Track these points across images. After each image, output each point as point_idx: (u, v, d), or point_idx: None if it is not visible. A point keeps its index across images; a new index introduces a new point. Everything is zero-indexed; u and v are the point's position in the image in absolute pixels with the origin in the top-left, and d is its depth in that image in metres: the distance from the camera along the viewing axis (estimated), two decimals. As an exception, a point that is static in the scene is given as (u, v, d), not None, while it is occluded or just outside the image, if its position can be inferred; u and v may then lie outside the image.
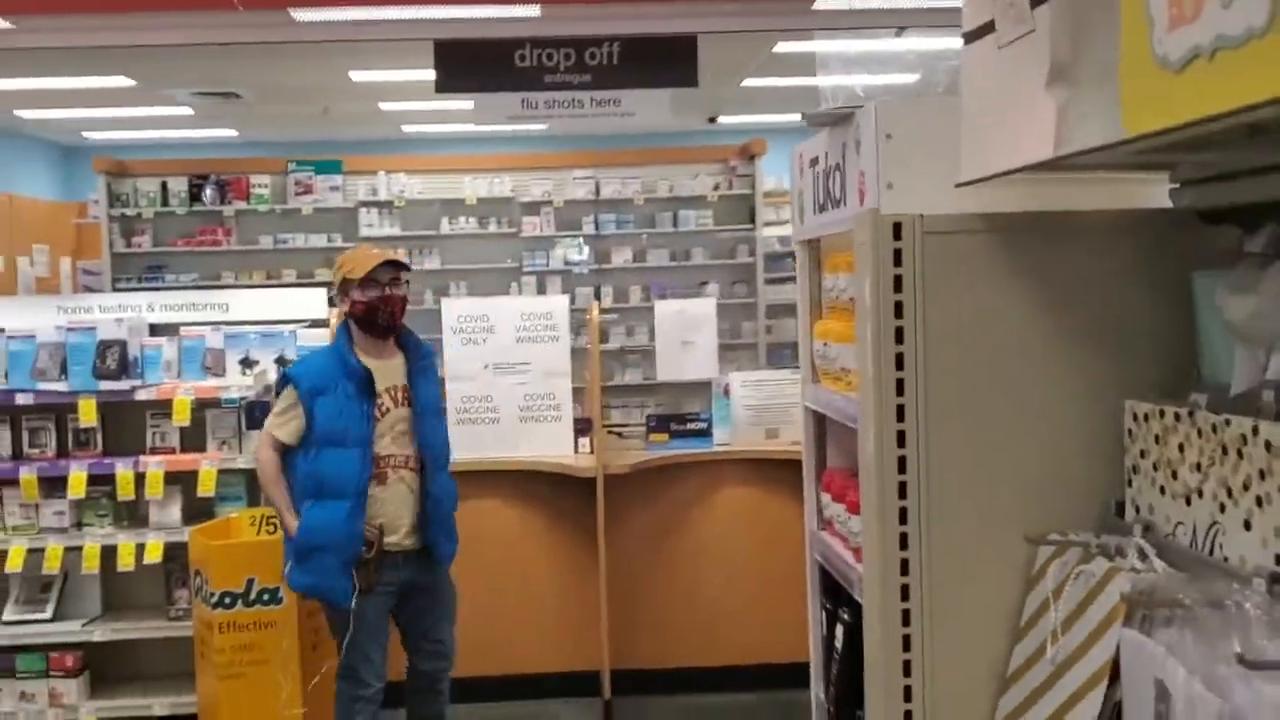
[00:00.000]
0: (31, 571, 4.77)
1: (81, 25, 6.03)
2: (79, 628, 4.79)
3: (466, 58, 6.13)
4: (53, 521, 4.77)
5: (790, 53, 8.14)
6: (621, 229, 10.00)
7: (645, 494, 5.23)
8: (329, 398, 3.82)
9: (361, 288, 3.89)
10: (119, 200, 9.69)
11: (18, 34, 6.05)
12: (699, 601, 5.24)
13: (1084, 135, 1.19)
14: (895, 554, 1.75)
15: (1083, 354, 1.81)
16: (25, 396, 4.69)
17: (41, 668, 4.80)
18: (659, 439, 5.39)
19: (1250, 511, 1.33)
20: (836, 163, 2.04)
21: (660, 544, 5.26)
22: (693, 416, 5.44)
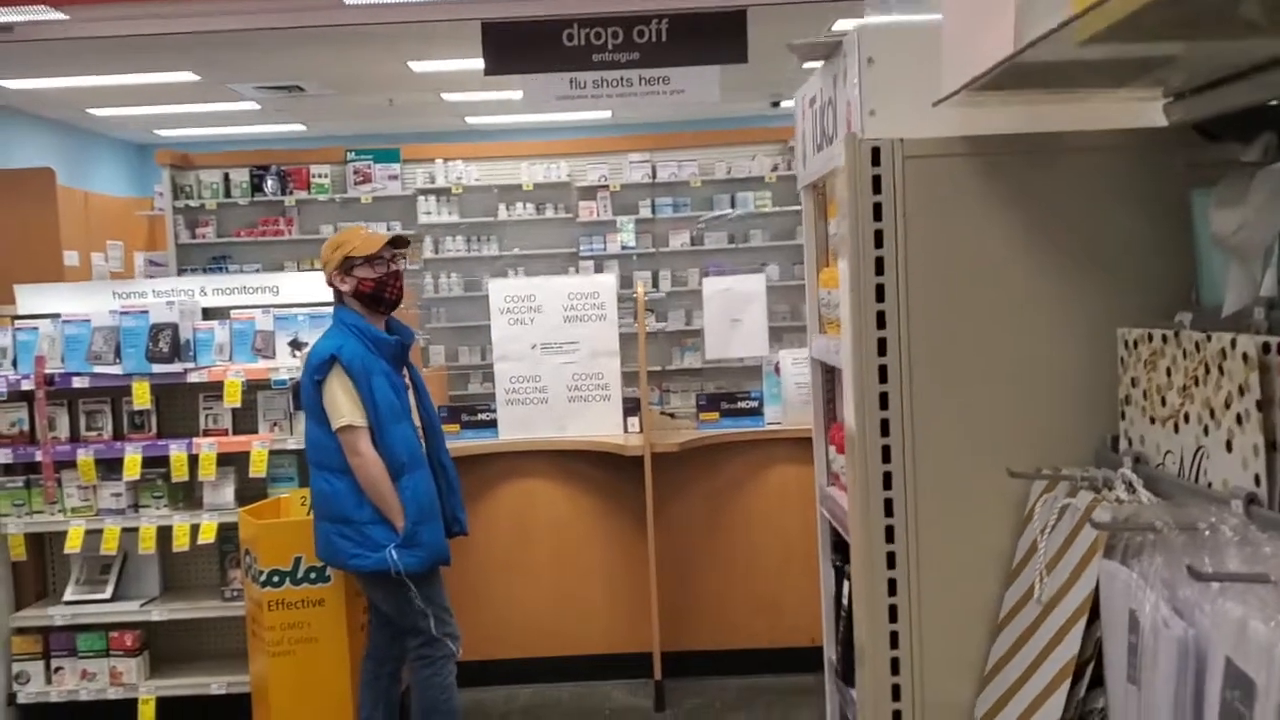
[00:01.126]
0: (91, 552, 4.85)
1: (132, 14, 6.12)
2: (138, 607, 4.86)
3: (514, 39, 6.10)
4: (110, 503, 4.84)
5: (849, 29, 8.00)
6: (679, 212, 9.94)
7: (696, 473, 5.17)
8: (379, 375, 3.86)
9: (369, 264, 3.95)
10: (183, 192, 9.88)
11: (71, 24, 6.15)
12: (751, 582, 5.18)
13: (1039, 25, 1.10)
14: (879, 493, 1.65)
15: (1075, 281, 1.70)
16: (81, 380, 4.76)
17: (102, 647, 4.87)
18: (709, 418, 5.33)
19: (1231, 431, 1.24)
20: (830, 97, 1.96)
21: (712, 524, 5.20)
22: (743, 395, 5.37)
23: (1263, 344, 1.18)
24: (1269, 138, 1.31)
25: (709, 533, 5.20)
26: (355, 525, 3.86)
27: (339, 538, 3.89)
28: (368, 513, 3.85)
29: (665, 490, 5.05)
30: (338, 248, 3.98)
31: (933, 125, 1.62)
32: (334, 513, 3.90)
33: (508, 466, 5.18)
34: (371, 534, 3.84)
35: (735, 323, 5.38)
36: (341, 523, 3.88)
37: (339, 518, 3.88)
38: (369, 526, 3.85)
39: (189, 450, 4.77)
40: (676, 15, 6.13)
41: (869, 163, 1.63)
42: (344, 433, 3.84)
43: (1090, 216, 1.70)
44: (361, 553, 3.85)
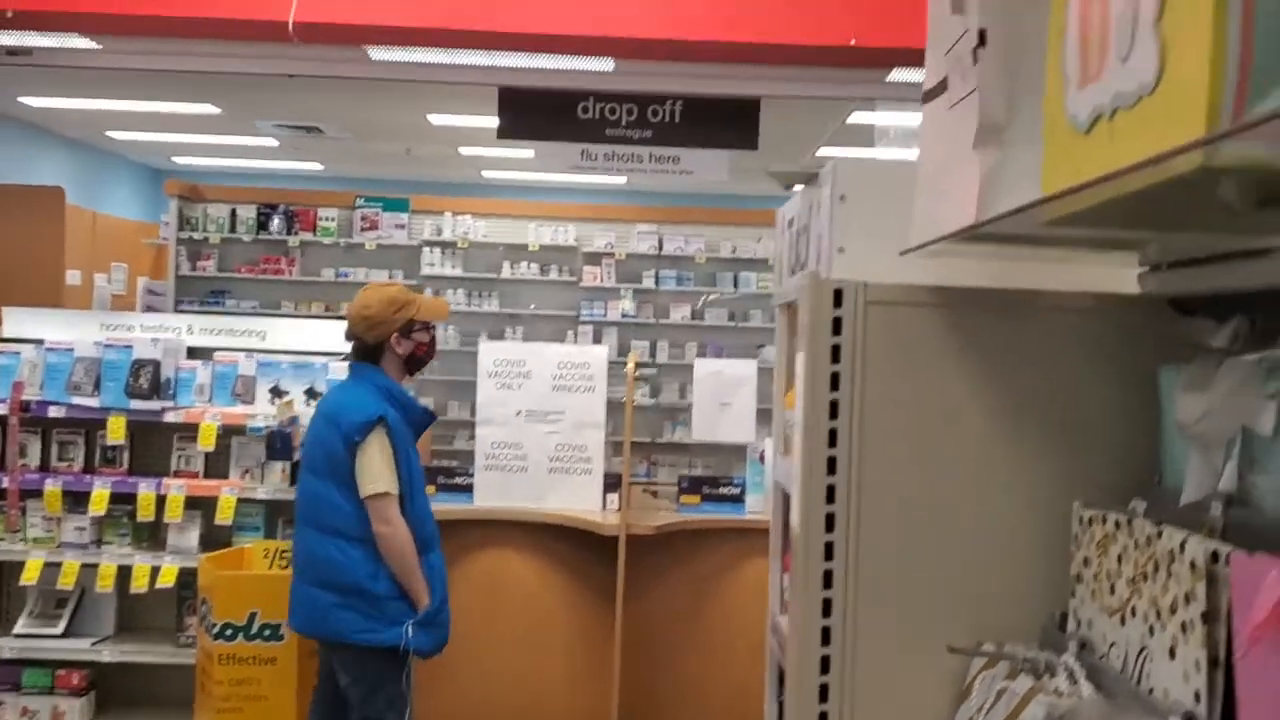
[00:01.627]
0: (48, 585, 4.76)
1: (162, 49, 6.16)
2: (88, 646, 4.76)
3: (530, 106, 6.15)
4: (73, 537, 4.77)
5: (864, 124, 8.05)
6: (682, 285, 9.95)
7: (672, 558, 5.08)
8: (408, 442, 3.73)
9: (425, 329, 3.87)
10: (189, 224, 9.90)
11: (103, 54, 6.19)
12: (723, 676, 5.05)
13: (1004, 200, 1.07)
14: (815, 649, 1.58)
15: (1036, 447, 1.63)
16: (58, 409, 4.71)
17: (47, 684, 4.77)
18: (690, 501, 5.25)
19: (1175, 638, 1.17)
20: (806, 223, 1.92)
21: (685, 612, 5.09)
22: (726, 481, 5.30)
23: (1211, 553, 1.12)
24: (1240, 323, 1.27)
25: (682, 620, 5.08)
26: (370, 598, 3.59)
27: (343, 609, 3.59)
28: (385, 586, 3.59)
29: (641, 572, 4.96)
30: (401, 307, 3.79)
31: (903, 269, 1.57)
32: (342, 582, 3.60)
33: (481, 534, 5.09)
34: (389, 609, 3.59)
35: (724, 406, 5.34)
36: (351, 594, 3.59)
37: (348, 588, 3.59)
38: (388, 601, 3.60)
39: (158, 490, 4.70)
40: (691, 98, 6.18)
41: (831, 304, 1.58)
42: (377, 500, 3.60)
43: (1057, 382, 1.64)
44: (373, 627, 3.58)
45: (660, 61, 6.13)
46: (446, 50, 5.95)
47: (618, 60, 6.06)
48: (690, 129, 6.14)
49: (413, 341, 3.83)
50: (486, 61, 6.12)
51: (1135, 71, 0.83)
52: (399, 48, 5.97)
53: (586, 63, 6.13)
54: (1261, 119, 0.69)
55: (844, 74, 6.28)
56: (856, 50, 5.58)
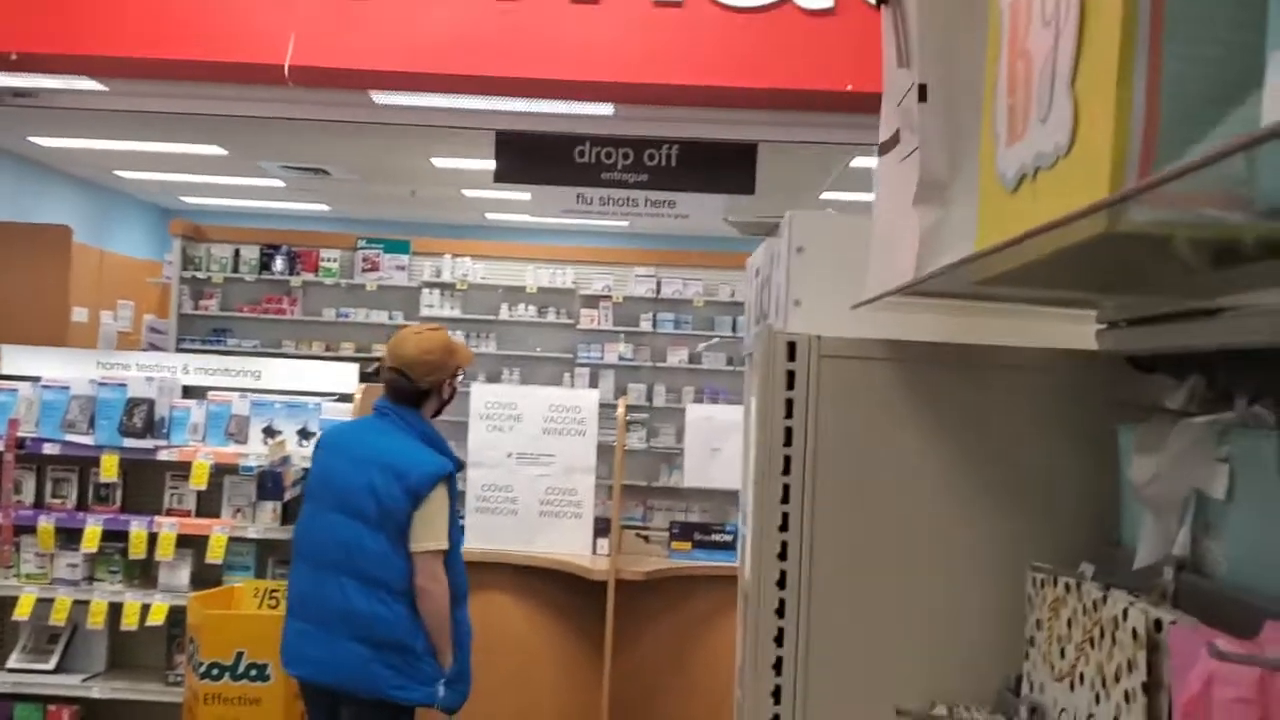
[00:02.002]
0: (40, 621, 4.77)
1: (166, 92, 6.24)
2: (79, 682, 4.76)
3: (526, 150, 6.21)
4: (65, 573, 4.78)
5: (866, 168, 8.11)
6: (680, 329, 9.99)
7: (663, 603, 5.07)
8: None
9: (456, 377, 3.82)
10: (192, 263, 9.99)
11: (108, 96, 6.27)
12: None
13: (941, 258, 1.08)
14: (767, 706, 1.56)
15: (991, 504, 1.62)
16: (52, 446, 4.74)
17: (39, 719, 4.76)
18: (681, 547, 5.26)
19: (1120, 708, 1.15)
20: (768, 274, 1.95)
21: (677, 659, 5.07)
22: (717, 528, 5.30)
23: (1154, 621, 1.10)
24: (1196, 383, 1.27)
25: (673, 668, 5.07)
26: (408, 654, 3.48)
27: (382, 665, 3.46)
28: (423, 643, 3.51)
29: (630, 617, 4.95)
30: (454, 352, 3.75)
31: (859, 323, 1.58)
32: (386, 638, 3.47)
33: (471, 576, 5.00)
34: (424, 667, 3.51)
35: (715, 451, 5.35)
36: (392, 650, 3.47)
37: (391, 644, 3.47)
38: (423, 657, 3.51)
39: (149, 528, 4.72)
40: (688, 143, 6.24)
41: (785, 356, 1.59)
42: (432, 556, 3.50)
43: (1013, 439, 1.64)
44: (409, 684, 3.49)
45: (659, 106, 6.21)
46: (446, 95, 6.02)
47: (616, 105, 6.14)
48: (687, 173, 6.19)
49: (452, 387, 3.80)
50: (486, 106, 6.19)
51: (1052, 132, 0.84)
52: (397, 92, 6.05)
53: (585, 107, 6.21)
54: (1157, 182, 0.70)
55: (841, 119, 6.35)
56: (853, 95, 5.63)
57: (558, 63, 5.59)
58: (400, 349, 3.70)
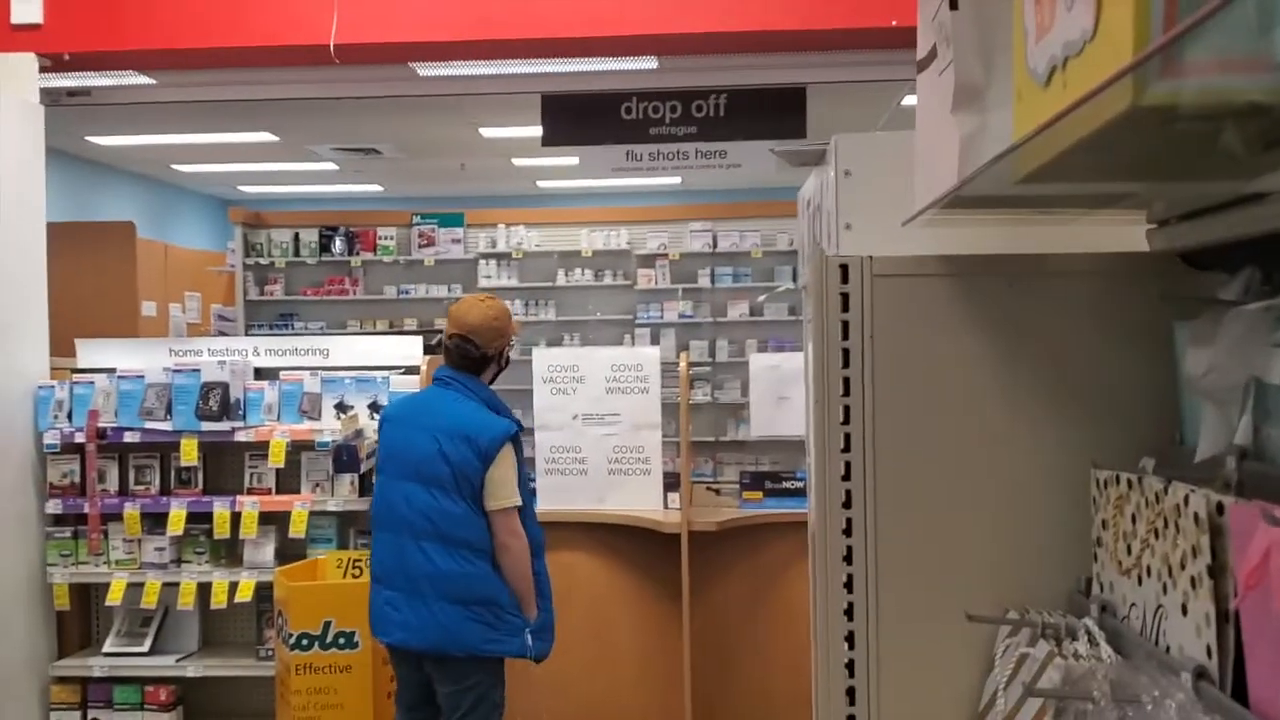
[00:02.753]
0: (132, 605, 4.93)
1: (214, 80, 6.31)
2: (173, 662, 4.91)
3: (572, 111, 6.19)
4: (153, 557, 4.92)
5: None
6: (739, 282, 9.94)
7: (736, 554, 5.09)
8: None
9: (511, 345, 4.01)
10: (254, 250, 10.15)
11: (159, 89, 6.36)
12: (794, 671, 5.04)
13: (981, 161, 1.06)
14: (840, 624, 1.57)
15: (1051, 412, 1.60)
16: (133, 435, 4.86)
17: (137, 700, 4.93)
18: (752, 497, 5.26)
19: (1186, 594, 1.15)
20: (819, 203, 1.93)
21: (753, 607, 5.10)
22: (788, 475, 5.29)
23: (1216, 504, 1.10)
24: (1251, 273, 1.25)
25: (751, 616, 5.10)
26: (497, 609, 3.64)
27: (474, 622, 3.62)
28: (507, 597, 3.66)
29: (705, 569, 4.98)
30: (511, 320, 3.96)
31: (910, 242, 1.57)
32: (473, 595, 3.63)
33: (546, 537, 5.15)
34: (512, 619, 3.66)
35: (782, 400, 5.33)
36: (481, 606, 3.63)
37: (480, 600, 3.63)
38: (510, 612, 3.66)
39: (232, 508, 4.83)
40: (736, 91, 6.17)
41: (838, 280, 1.58)
42: (508, 514, 3.66)
43: (1069, 344, 1.62)
44: (499, 638, 3.65)
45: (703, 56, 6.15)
46: (489, 62, 6.01)
47: (660, 58, 6.09)
48: (736, 121, 6.13)
49: (505, 357, 3.99)
50: (529, 69, 6.18)
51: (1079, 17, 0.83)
52: (441, 63, 6.05)
53: (629, 63, 6.16)
54: (1177, 35, 0.68)
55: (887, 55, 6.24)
56: (897, 31, 5.54)
57: (599, 19, 5.56)
58: (466, 316, 3.83)
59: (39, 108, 5.15)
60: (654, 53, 5.95)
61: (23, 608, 4.81)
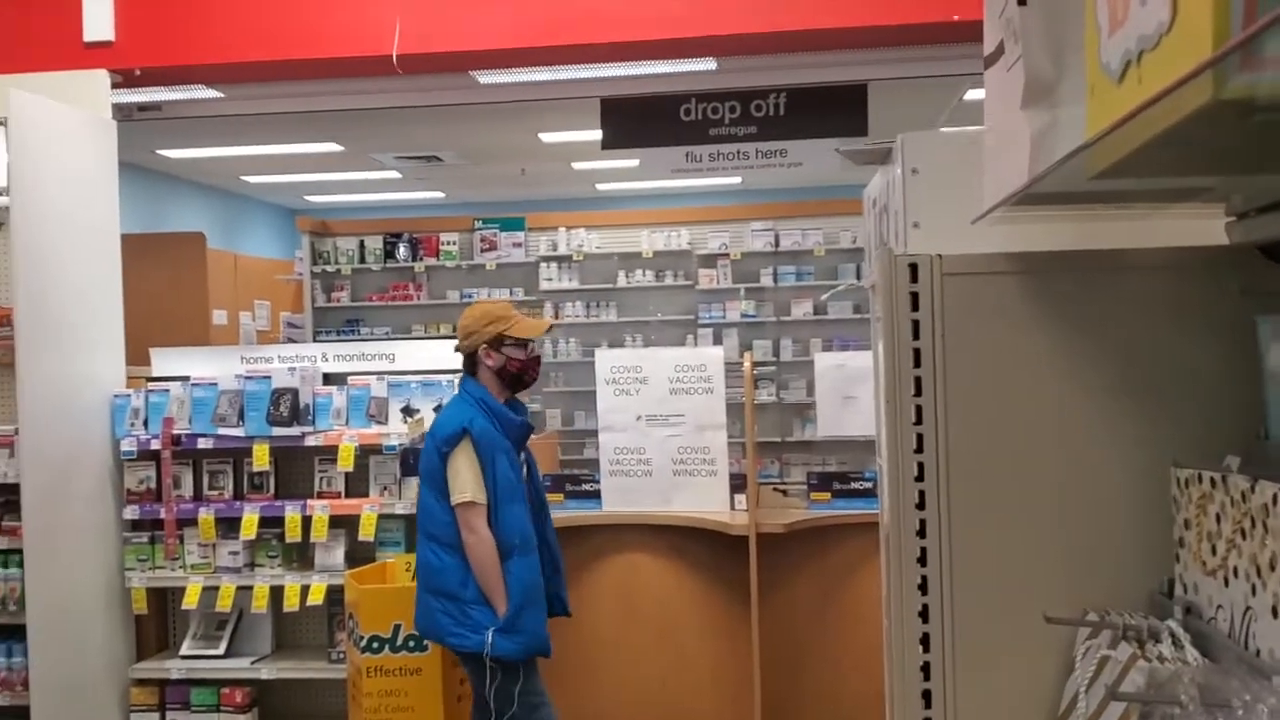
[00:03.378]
0: (208, 608, 5.02)
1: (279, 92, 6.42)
2: (248, 665, 4.99)
3: (632, 114, 6.20)
4: (227, 561, 5.01)
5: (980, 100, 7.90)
6: (802, 280, 9.88)
7: (805, 555, 5.06)
8: (501, 454, 3.84)
9: (522, 346, 3.98)
10: (321, 258, 10.31)
11: (226, 102, 6.49)
12: (864, 672, 5.00)
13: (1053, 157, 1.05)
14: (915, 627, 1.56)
15: (1128, 409, 1.57)
16: (206, 441, 4.96)
17: (214, 702, 5.02)
18: (820, 498, 5.22)
19: (1277, 596, 1.12)
20: (885, 202, 1.91)
21: (822, 609, 5.06)
22: (856, 475, 5.25)
23: None
24: (1334, 265, 1.22)
25: (821, 618, 5.06)
26: (459, 603, 3.79)
27: (441, 613, 3.83)
28: (472, 592, 3.78)
29: (772, 572, 4.95)
30: (492, 321, 3.96)
31: (979, 241, 1.54)
32: (438, 587, 3.84)
33: (611, 539, 5.17)
34: (473, 614, 3.77)
35: (848, 400, 5.28)
36: (445, 598, 3.82)
37: (443, 593, 3.82)
38: (472, 606, 3.78)
39: (303, 511, 4.91)
40: (795, 90, 6.14)
41: (907, 279, 1.56)
42: (463, 508, 3.79)
43: (1146, 341, 1.58)
44: (461, 632, 3.79)
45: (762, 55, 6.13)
46: (548, 68, 6.05)
47: (719, 59, 6.08)
48: (796, 120, 6.09)
49: (503, 356, 3.96)
50: (588, 74, 6.20)
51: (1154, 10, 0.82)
52: (502, 70, 6.10)
53: (688, 65, 6.16)
54: (1258, 30, 0.66)
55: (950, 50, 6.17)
56: (959, 25, 5.48)
57: (657, 23, 5.56)
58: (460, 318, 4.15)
59: (111, 123, 5.27)
60: (713, 54, 5.94)
61: (102, 612, 4.93)
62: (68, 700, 4.68)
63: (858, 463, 7.94)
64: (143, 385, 5.14)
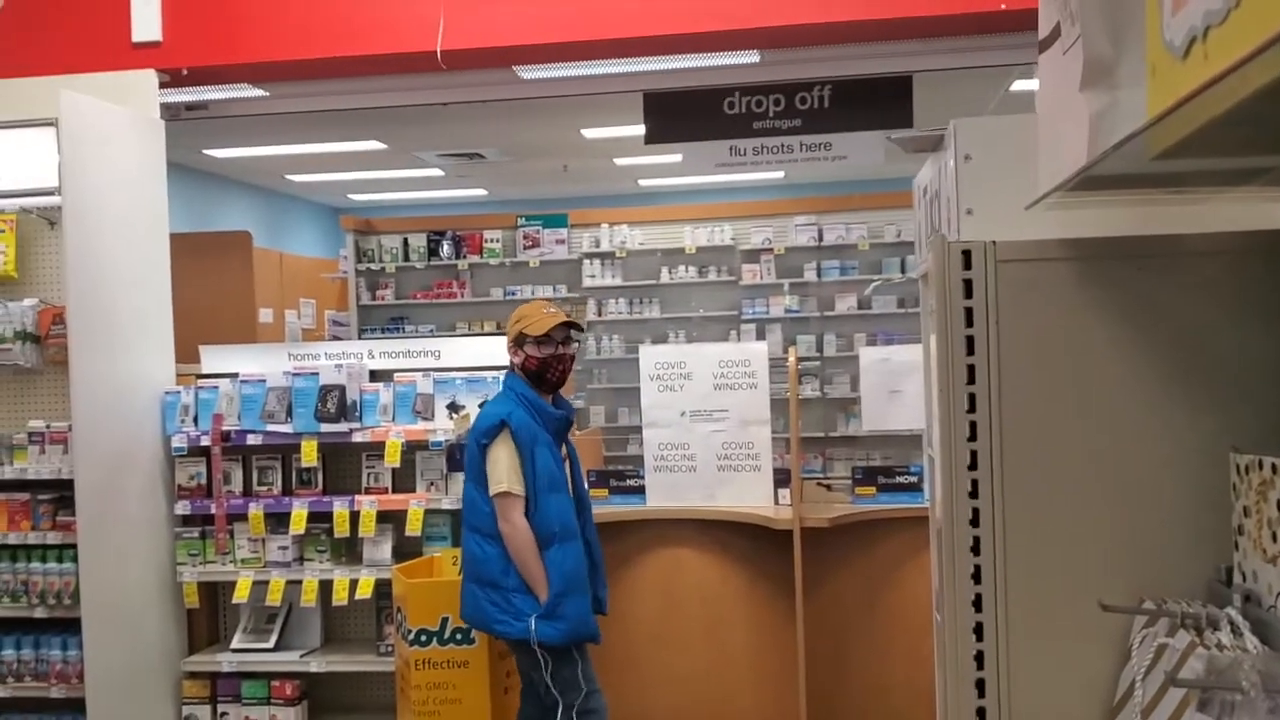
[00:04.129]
0: (258, 602, 5.08)
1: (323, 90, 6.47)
2: (298, 658, 5.04)
3: (675, 108, 6.18)
4: (277, 555, 5.06)
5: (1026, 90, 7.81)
6: (846, 275, 9.82)
7: (849, 550, 5.04)
8: (542, 446, 3.95)
9: (537, 344, 4.07)
10: (365, 256, 10.39)
11: (271, 100, 6.55)
12: (910, 667, 4.97)
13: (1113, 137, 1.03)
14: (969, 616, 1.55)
15: (1186, 397, 1.54)
16: (255, 437, 5.01)
17: (264, 695, 5.07)
18: (865, 492, 5.19)
19: None
20: (937, 189, 1.88)
21: (867, 603, 5.03)
22: (901, 469, 5.21)
23: None
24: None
25: (866, 613, 5.04)
26: (502, 591, 3.90)
27: (487, 603, 3.94)
28: (514, 580, 3.89)
29: (817, 566, 4.93)
30: (517, 321, 4.14)
31: (1032, 227, 1.52)
32: (482, 576, 3.95)
33: (656, 534, 5.17)
34: (515, 602, 3.88)
35: (894, 394, 5.24)
36: (489, 587, 3.93)
37: (487, 581, 3.94)
38: (514, 594, 3.89)
39: (351, 507, 4.94)
40: (840, 82, 6.10)
41: (960, 266, 1.54)
42: (499, 499, 3.92)
43: (1204, 327, 1.55)
44: (506, 619, 3.90)
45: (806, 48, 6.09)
46: (590, 62, 6.05)
47: (763, 51, 6.05)
48: (841, 113, 6.05)
49: (523, 354, 4.10)
50: (630, 68, 6.19)
51: (1222, -17, 0.80)
52: (545, 65, 6.11)
53: (731, 58, 6.14)
54: None
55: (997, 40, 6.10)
56: (1007, 15, 5.42)
57: (699, 15, 5.55)
58: None
59: (160, 123, 5.34)
60: (756, 46, 5.91)
61: (155, 606, 4.99)
62: (122, 692, 4.75)
63: (902, 457, 7.89)
64: (192, 382, 5.20)
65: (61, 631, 4.84)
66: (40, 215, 4.97)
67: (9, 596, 4.82)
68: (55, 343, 4.86)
